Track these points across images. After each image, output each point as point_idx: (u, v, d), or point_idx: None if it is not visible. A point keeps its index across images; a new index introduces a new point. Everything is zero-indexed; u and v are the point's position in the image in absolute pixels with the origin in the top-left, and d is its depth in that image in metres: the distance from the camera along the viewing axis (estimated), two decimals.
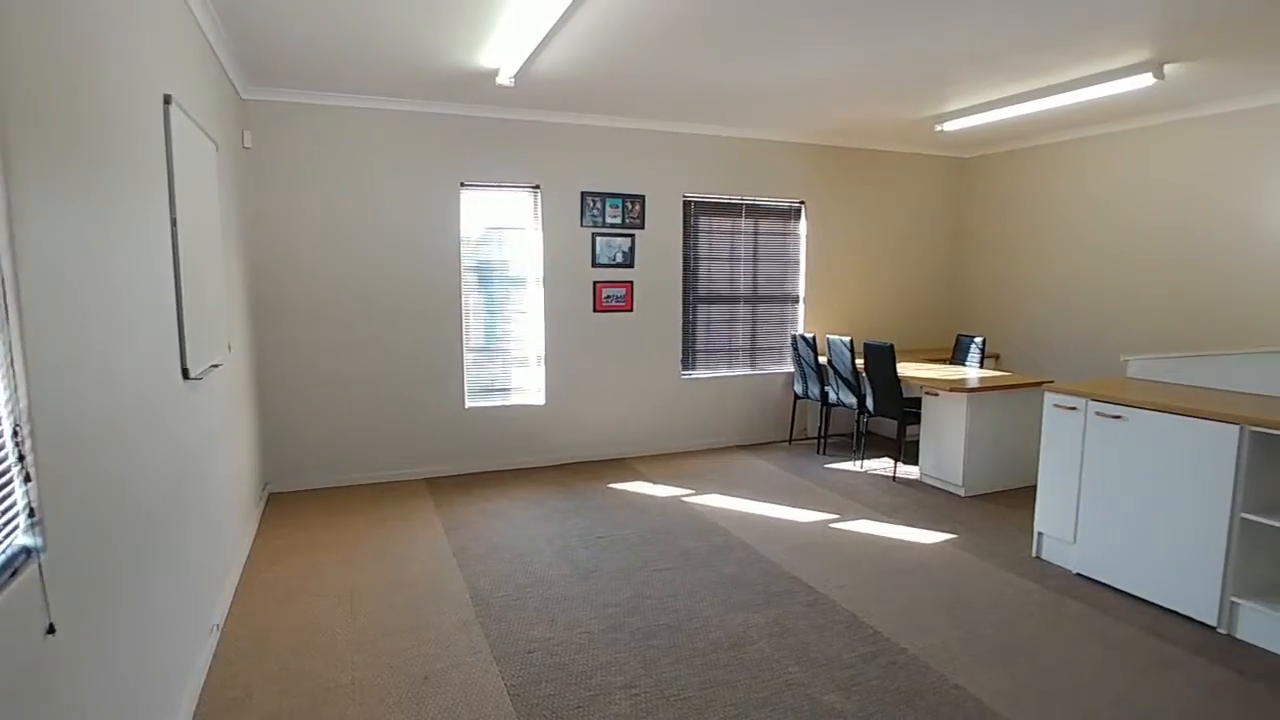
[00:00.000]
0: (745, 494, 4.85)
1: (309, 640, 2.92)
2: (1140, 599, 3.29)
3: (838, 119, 5.42)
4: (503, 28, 3.42)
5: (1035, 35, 3.51)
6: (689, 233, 5.88)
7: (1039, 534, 3.79)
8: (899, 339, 6.71)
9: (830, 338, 5.56)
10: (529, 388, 5.52)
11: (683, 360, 5.97)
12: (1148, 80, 4.01)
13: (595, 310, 5.57)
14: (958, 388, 4.74)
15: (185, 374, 2.54)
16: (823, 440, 5.99)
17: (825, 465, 5.56)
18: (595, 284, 5.55)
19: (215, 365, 3.06)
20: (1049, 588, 3.43)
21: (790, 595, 3.34)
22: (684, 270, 5.88)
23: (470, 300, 5.25)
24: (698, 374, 6.07)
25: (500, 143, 5.15)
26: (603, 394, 5.68)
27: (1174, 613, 3.16)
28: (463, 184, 5.09)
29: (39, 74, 1.46)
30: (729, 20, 3.32)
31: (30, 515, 1.34)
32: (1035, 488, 3.81)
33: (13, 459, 1.29)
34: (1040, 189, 6.12)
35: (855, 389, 5.45)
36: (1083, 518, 3.53)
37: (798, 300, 6.36)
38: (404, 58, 3.90)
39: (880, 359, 5.11)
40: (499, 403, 5.42)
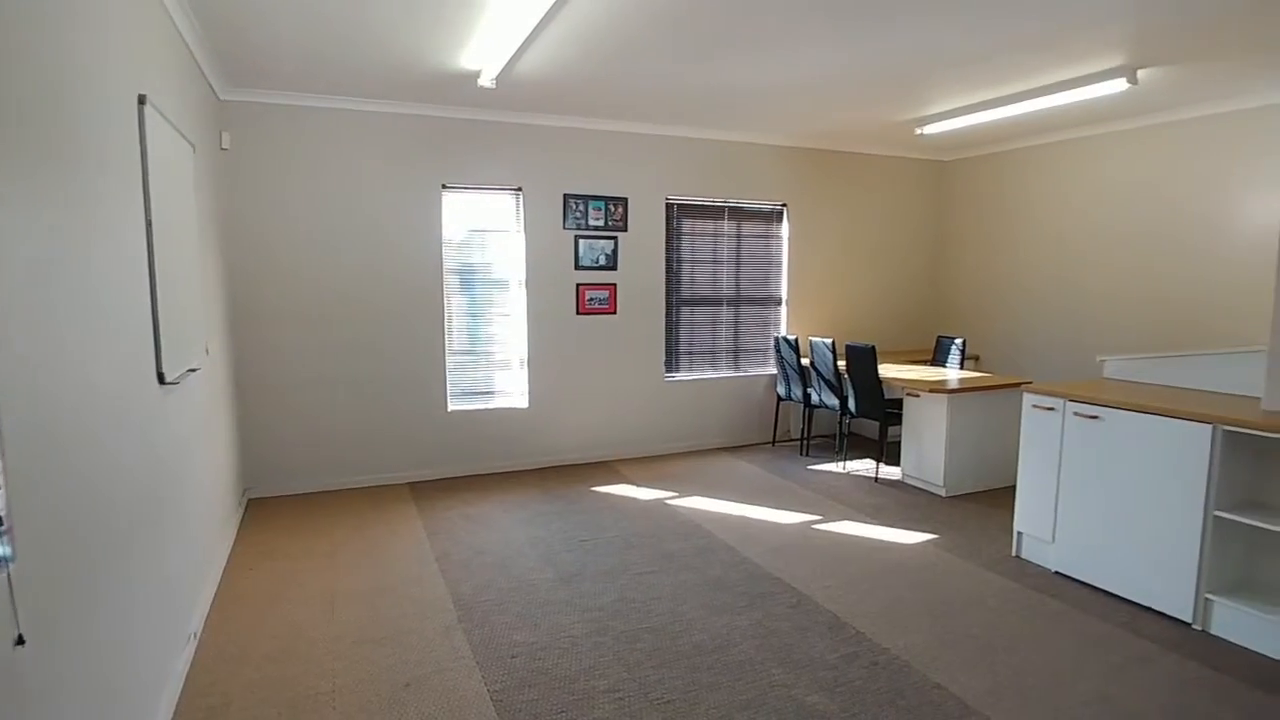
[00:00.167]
0: (729, 496, 4.86)
1: (288, 647, 2.89)
2: (1118, 596, 3.34)
3: (819, 122, 5.45)
4: (484, 29, 3.41)
5: (1013, 40, 3.56)
6: (672, 235, 5.89)
7: (1019, 533, 3.83)
8: (880, 341, 6.76)
9: (813, 340, 5.59)
10: (512, 391, 5.50)
11: (666, 362, 5.98)
12: (1122, 85, 4.07)
13: (578, 313, 5.56)
14: (938, 389, 4.79)
15: (161, 379, 2.51)
16: (805, 442, 6.02)
17: (808, 466, 5.59)
18: (578, 286, 5.54)
19: (192, 370, 3.02)
20: (1029, 586, 3.47)
21: (773, 597, 3.35)
22: (667, 272, 5.88)
23: (453, 303, 5.23)
24: (681, 376, 6.08)
25: (482, 145, 5.13)
26: (586, 397, 5.67)
27: (1150, 610, 3.20)
28: (444, 186, 5.07)
29: (6, 73, 1.43)
30: (709, 24, 3.33)
31: None
32: (1015, 487, 3.85)
33: None
34: (1019, 192, 6.20)
35: (837, 390, 5.48)
36: (1061, 517, 3.58)
37: (780, 302, 6.39)
38: (384, 59, 3.88)
39: (862, 360, 5.14)
40: (482, 406, 5.39)
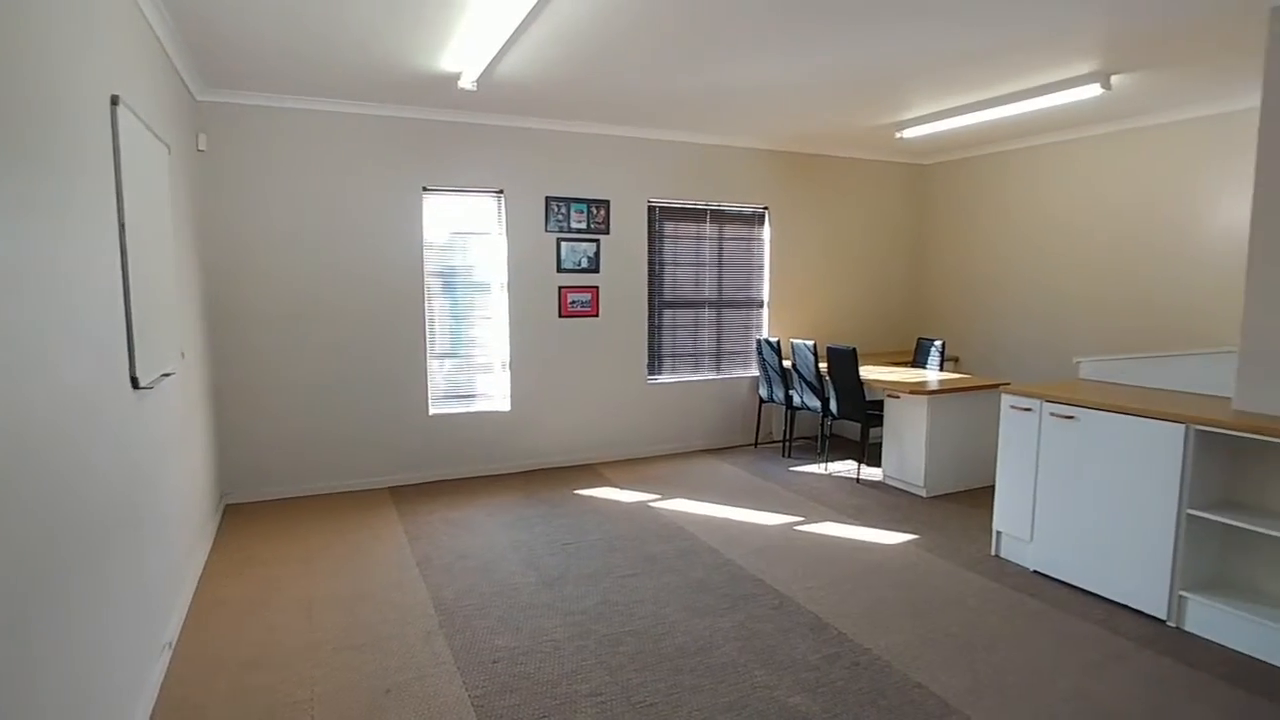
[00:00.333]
0: (711, 498, 4.87)
1: (265, 655, 2.85)
2: (1094, 594, 3.38)
3: (799, 125, 5.49)
4: (465, 30, 3.40)
5: (989, 46, 3.60)
6: (654, 238, 5.90)
7: (998, 533, 3.87)
8: (861, 343, 6.81)
9: (794, 342, 5.62)
10: (494, 394, 5.47)
11: (649, 365, 5.98)
12: (1095, 90, 4.14)
13: (561, 315, 5.55)
14: (918, 390, 4.83)
15: (135, 383, 2.47)
16: (788, 443, 6.05)
17: (790, 468, 5.61)
18: (561, 289, 5.53)
19: (167, 374, 2.97)
20: (1008, 586, 3.51)
21: (756, 598, 3.36)
22: (649, 275, 5.89)
23: (434, 306, 5.20)
24: (664, 379, 6.08)
25: (463, 147, 5.11)
26: (569, 400, 5.66)
27: (1126, 607, 3.25)
28: (425, 189, 5.04)
29: None
30: (689, 28, 3.34)
31: None
32: (994, 487, 3.89)
33: None
34: (996, 195, 6.27)
35: (819, 392, 5.51)
36: (1039, 516, 3.62)
37: (762, 305, 6.41)
38: (363, 60, 3.85)
39: (843, 363, 5.17)
40: (464, 409, 5.36)
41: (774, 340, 5.84)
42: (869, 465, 5.55)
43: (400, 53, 3.72)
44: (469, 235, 5.27)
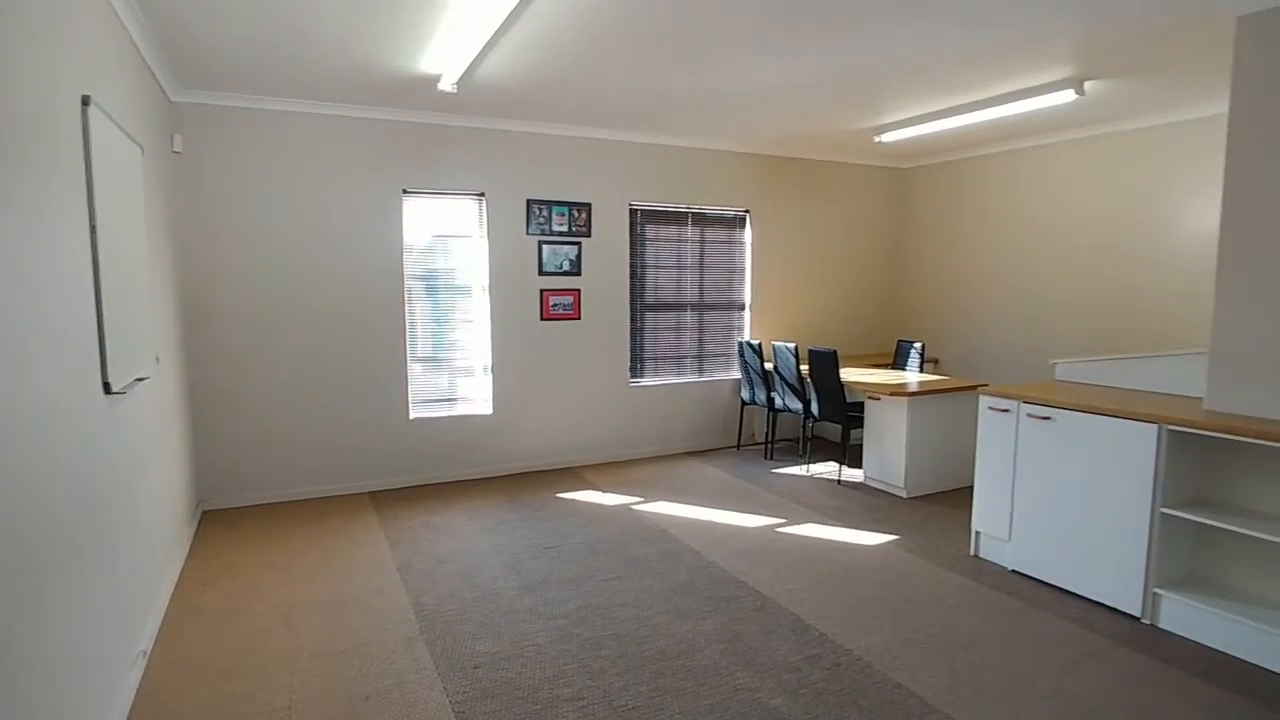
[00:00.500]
0: (694, 500, 4.87)
1: (243, 663, 2.81)
2: (1071, 593, 3.42)
3: (780, 129, 5.52)
4: (444, 32, 3.38)
5: (966, 51, 3.65)
6: (636, 241, 5.90)
7: (976, 533, 3.90)
8: (842, 345, 6.86)
9: (776, 344, 5.65)
10: (476, 397, 5.44)
11: (631, 368, 5.98)
12: (1070, 96, 4.21)
13: (542, 318, 5.54)
14: (898, 392, 4.87)
15: (107, 388, 2.43)
16: (770, 445, 6.07)
17: (772, 470, 5.63)
18: (542, 292, 5.51)
19: (141, 379, 2.92)
20: (986, 585, 3.54)
21: (738, 600, 3.36)
22: (631, 278, 5.89)
23: (415, 309, 5.16)
24: (646, 381, 6.09)
25: (443, 150, 5.08)
26: (551, 403, 5.64)
27: (1102, 605, 3.29)
28: (405, 191, 5.01)
29: None
30: (670, 31, 3.35)
31: None
32: (973, 488, 3.93)
33: None
34: (974, 199, 6.35)
35: (801, 395, 5.54)
36: (1017, 516, 3.66)
37: (744, 307, 6.44)
38: (342, 61, 3.82)
39: (824, 365, 5.21)
40: (445, 413, 5.33)
41: (756, 343, 5.87)
42: (850, 467, 5.59)
43: (380, 54, 3.70)
44: (450, 238, 5.24)
